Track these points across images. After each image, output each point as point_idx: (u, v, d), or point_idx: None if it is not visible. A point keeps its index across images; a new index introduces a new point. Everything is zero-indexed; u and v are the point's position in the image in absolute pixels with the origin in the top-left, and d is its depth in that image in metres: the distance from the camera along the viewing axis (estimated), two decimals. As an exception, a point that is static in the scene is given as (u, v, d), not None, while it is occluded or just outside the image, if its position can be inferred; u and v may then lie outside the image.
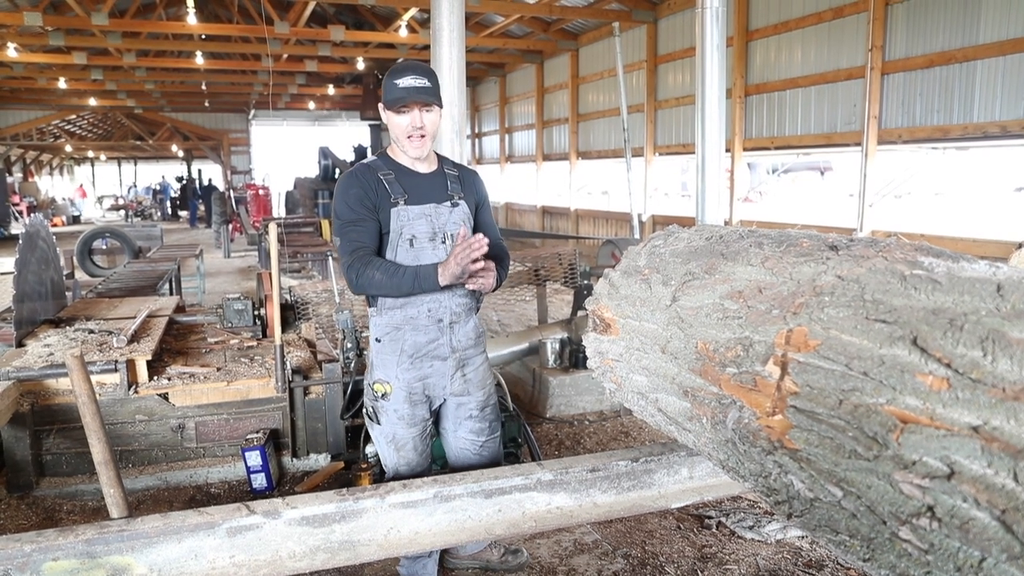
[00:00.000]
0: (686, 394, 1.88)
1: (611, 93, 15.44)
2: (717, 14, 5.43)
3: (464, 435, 2.77)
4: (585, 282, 5.56)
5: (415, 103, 2.46)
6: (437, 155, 2.73)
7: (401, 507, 2.05)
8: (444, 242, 2.56)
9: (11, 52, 16.40)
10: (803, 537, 3.32)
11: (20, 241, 4.56)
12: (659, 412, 2.13)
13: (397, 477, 2.69)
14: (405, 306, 2.56)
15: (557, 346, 5.29)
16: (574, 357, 5.29)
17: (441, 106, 2.58)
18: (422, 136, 2.52)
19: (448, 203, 2.60)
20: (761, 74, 11.30)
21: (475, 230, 2.71)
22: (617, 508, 2.27)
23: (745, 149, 11.75)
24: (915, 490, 1.10)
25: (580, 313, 5.49)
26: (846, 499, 1.27)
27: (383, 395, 2.62)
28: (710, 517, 3.52)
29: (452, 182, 2.65)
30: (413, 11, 15.03)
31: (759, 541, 3.32)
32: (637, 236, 10.53)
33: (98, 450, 1.98)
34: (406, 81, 2.45)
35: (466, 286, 2.45)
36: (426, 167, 2.63)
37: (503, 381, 4.10)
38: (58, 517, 3.64)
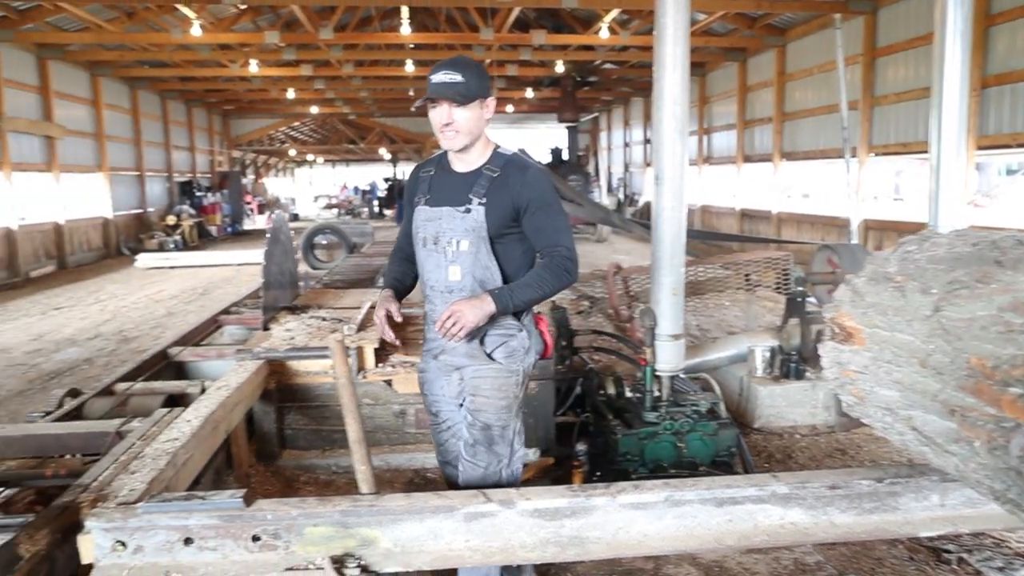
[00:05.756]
0: (952, 413, 1.73)
1: (820, 90, 14.56)
2: (961, -2, 4.92)
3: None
4: (799, 288, 5.28)
5: (443, 98, 2.39)
6: (496, 152, 2.54)
7: (631, 508, 2.05)
8: (443, 249, 2.49)
9: (253, 67, 18.37)
10: (1063, 584, 2.95)
11: (267, 235, 5.10)
12: (911, 430, 1.98)
13: None
14: (424, 302, 2.65)
15: (768, 354, 5.07)
16: (785, 367, 5.04)
17: (471, 101, 2.39)
18: (455, 132, 2.42)
19: (462, 208, 2.46)
20: (1004, 62, 10.12)
21: (519, 236, 2.53)
22: (857, 530, 2.14)
23: (979, 148, 10.60)
24: None
25: (791, 321, 5.23)
26: None
27: None
28: (948, 551, 3.21)
29: (480, 185, 2.46)
30: (615, 12, 15.03)
31: (1008, 583, 2.99)
32: (855, 241, 9.82)
33: (353, 429, 2.16)
34: (438, 77, 2.39)
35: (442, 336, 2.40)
36: (464, 166, 2.53)
37: (716, 387, 3.99)
38: (296, 487, 4.00)
